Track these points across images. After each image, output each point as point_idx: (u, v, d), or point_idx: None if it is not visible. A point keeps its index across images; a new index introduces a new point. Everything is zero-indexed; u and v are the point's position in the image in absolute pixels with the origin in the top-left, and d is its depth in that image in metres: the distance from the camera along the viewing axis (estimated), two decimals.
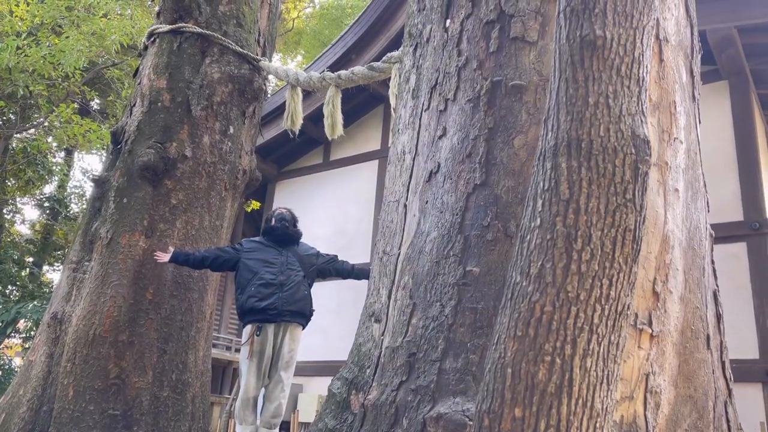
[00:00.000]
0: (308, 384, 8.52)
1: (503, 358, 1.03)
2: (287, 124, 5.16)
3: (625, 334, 1.10)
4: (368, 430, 2.00)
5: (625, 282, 1.08)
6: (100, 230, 4.77)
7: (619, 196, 1.11)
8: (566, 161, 1.13)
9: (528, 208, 1.18)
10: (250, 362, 4.03)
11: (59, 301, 4.84)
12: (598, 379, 1.01)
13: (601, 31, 1.17)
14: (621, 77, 1.17)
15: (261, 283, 4.14)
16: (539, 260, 1.08)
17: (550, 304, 1.03)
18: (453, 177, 2.24)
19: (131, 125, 5.11)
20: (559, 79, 1.22)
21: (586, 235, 1.07)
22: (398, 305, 2.22)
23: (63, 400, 4.28)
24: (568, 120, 1.15)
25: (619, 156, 1.13)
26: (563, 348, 1.00)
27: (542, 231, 1.11)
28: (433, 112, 2.51)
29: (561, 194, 1.11)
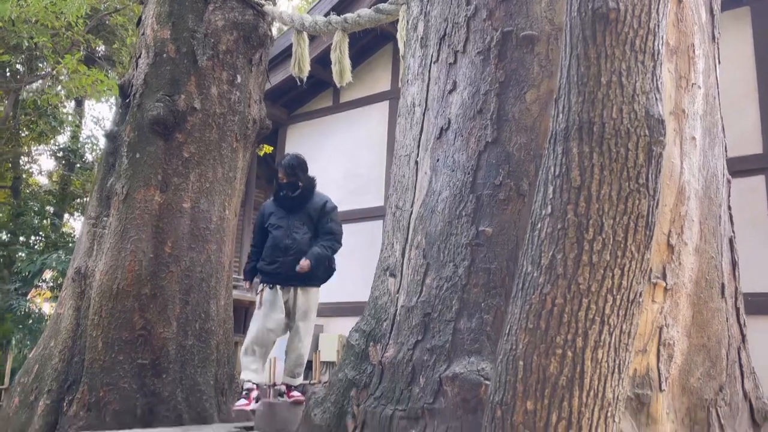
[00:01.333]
0: (328, 325, 8.73)
1: (515, 350, 1.05)
2: (295, 71, 5.06)
3: (637, 321, 1.11)
4: (387, 387, 2.07)
5: (637, 270, 1.07)
6: (116, 186, 4.81)
7: (632, 181, 1.08)
8: (577, 146, 1.09)
9: (539, 193, 1.16)
10: (259, 312, 4.07)
11: (81, 256, 4.95)
12: (610, 370, 1.02)
13: (614, 3, 1.11)
14: (635, 52, 1.12)
15: (270, 246, 4.16)
16: (550, 250, 1.07)
17: (561, 296, 1.03)
18: (464, 134, 2.21)
19: (138, 78, 5.05)
20: (570, 56, 1.16)
21: (598, 224, 1.05)
22: (412, 264, 2.24)
23: (93, 351, 4.44)
24: (579, 101, 1.11)
25: (632, 139, 1.09)
26: (575, 340, 1.01)
27: (553, 219, 1.09)
28: (443, 64, 2.45)
29: (572, 181, 1.09)
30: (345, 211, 8.92)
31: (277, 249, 4.10)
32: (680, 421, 2.00)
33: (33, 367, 4.82)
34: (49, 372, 4.58)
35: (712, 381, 2.12)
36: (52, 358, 4.64)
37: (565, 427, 0.98)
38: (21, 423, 4.55)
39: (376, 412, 2.04)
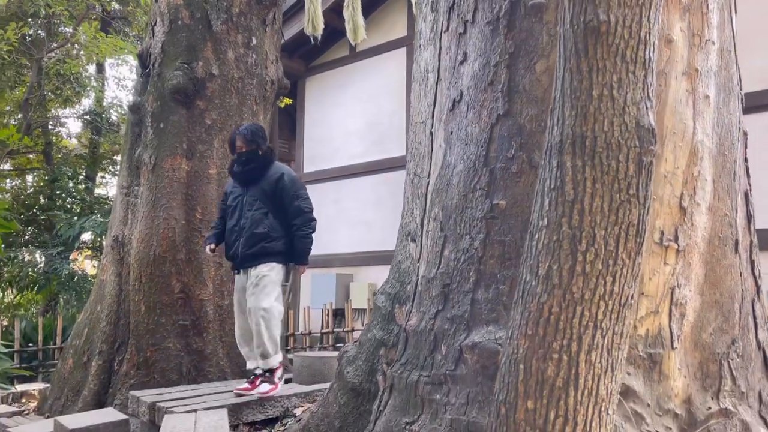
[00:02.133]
0: (357, 274, 8.97)
1: (516, 355, 1.14)
2: (308, 30, 5.05)
3: (630, 321, 1.19)
4: (411, 354, 2.20)
5: (628, 275, 1.14)
6: (143, 156, 4.95)
7: (623, 192, 1.13)
8: (571, 160, 1.14)
9: (536, 204, 1.22)
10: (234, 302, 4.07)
11: (118, 225, 5.16)
12: (603, 369, 1.11)
13: (605, 15, 1.12)
14: (626, 63, 1.14)
15: (227, 230, 4.03)
16: (546, 261, 1.14)
17: (557, 305, 1.11)
18: (476, 106, 2.24)
19: (155, 47, 5.10)
20: (564, 69, 1.19)
21: (590, 235, 1.12)
22: (430, 236, 2.33)
23: (137, 315, 4.71)
24: (572, 115, 1.15)
25: (623, 151, 1.13)
26: (570, 345, 1.09)
27: (549, 231, 1.15)
28: (453, 34, 2.45)
29: (566, 195, 1.14)
30: (369, 162, 9.01)
31: (231, 232, 3.98)
32: (692, 375, 2.10)
33: (83, 330, 5.14)
34: (98, 335, 4.88)
35: (724, 335, 2.20)
36: (100, 321, 4.93)
37: (562, 423, 1.09)
38: (77, 382, 4.90)
39: (403, 377, 2.18)
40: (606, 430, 1.13)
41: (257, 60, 5.21)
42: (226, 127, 4.96)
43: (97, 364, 4.72)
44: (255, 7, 5.21)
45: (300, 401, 4.08)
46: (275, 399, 3.95)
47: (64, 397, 4.91)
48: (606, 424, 1.13)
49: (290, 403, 4.02)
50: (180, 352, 4.66)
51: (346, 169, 9.19)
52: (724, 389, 2.14)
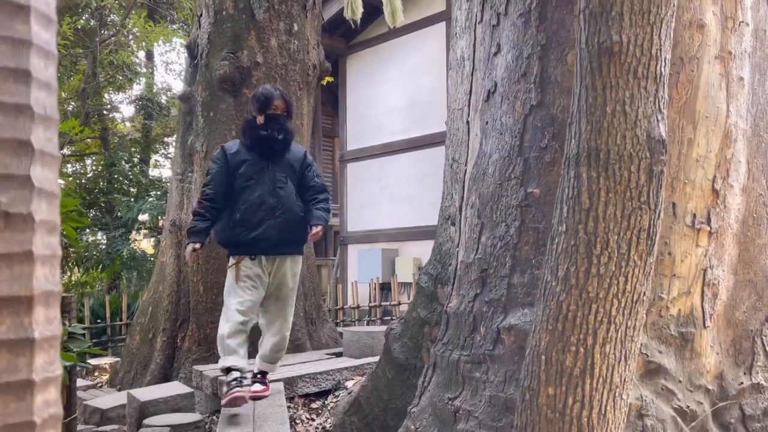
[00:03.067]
0: (402, 248, 9.15)
1: (538, 347, 1.26)
2: (348, 14, 5.15)
3: (642, 316, 1.29)
4: (452, 335, 2.35)
5: (640, 275, 1.23)
6: (195, 144, 5.20)
7: (634, 200, 1.22)
8: (586, 171, 1.23)
9: (556, 210, 1.33)
10: (237, 288, 3.32)
11: (174, 209, 5.46)
12: (617, 359, 1.22)
13: (618, 36, 1.20)
14: (638, 79, 1.21)
15: (247, 205, 3.32)
16: (565, 264, 1.25)
17: (574, 303, 1.22)
18: (510, 97, 2.33)
19: (202, 38, 5.30)
20: (581, 86, 1.27)
21: (604, 240, 1.21)
22: (468, 222, 2.45)
23: (196, 294, 5.01)
24: (588, 129, 1.24)
25: (634, 162, 1.22)
26: (586, 339, 1.20)
27: (567, 236, 1.26)
28: (486, 25, 2.53)
29: (582, 203, 1.24)
30: (411, 139, 9.11)
31: (260, 209, 3.31)
32: (725, 352, 2.18)
33: (147, 309, 5.50)
34: (161, 313, 5.22)
35: (758, 313, 2.26)
36: (162, 300, 5.27)
37: (579, 407, 1.21)
38: (144, 357, 5.28)
39: (445, 356, 2.34)
40: (621, 413, 1.25)
41: (299, 46, 5.35)
42: None
43: (162, 341, 5.07)
44: None
45: (351, 374, 4.31)
46: (327, 372, 4.19)
47: (134, 370, 5.30)
48: (620, 408, 1.25)
49: (341, 376, 4.26)
50: None
51: (389, 146, 9.31)
52: (756, 365, 2.21)
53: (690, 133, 2.13)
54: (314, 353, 5.01)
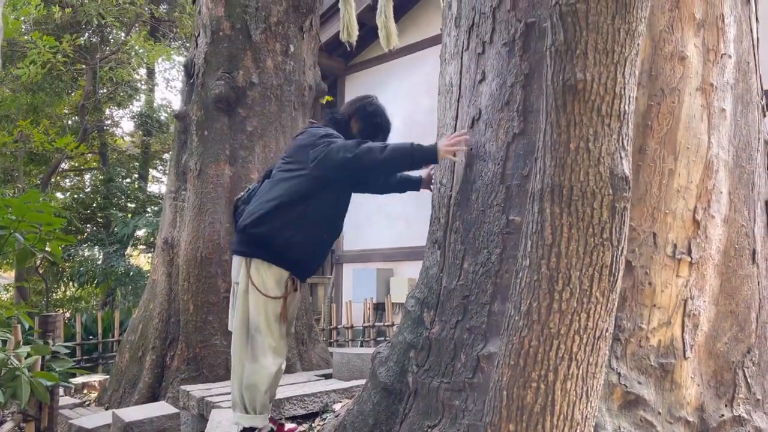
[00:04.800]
0: (397, 269, 9.13)
1: (500, 382, 1.26)
2: (344, 36, 5.20)
3: (605, 352, 1.29)
4: (434, 361, 2.34)
5: (602, 311, 1.24)
6: (189, 162, 5.22)
7: (597, 237, 1.23)
8: (550, 207, 1.24)
9: (521, 244, 1.33)
10: (278, 324, 2.81)
11: (167, 228, 5.46)
12: (578, 396, 1.22)
13: (582, 74, 1.22)
14: (601, 117, 1.23)
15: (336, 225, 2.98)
16: (528, 299, 1.26)
17: (536, 339, 1.22)
18: (493, 125, 2.34)
19: (199, 57, 5.35)
20: (545, 122, 1.29)
21: (566, 276, 1.22)
22: (452, 248, 2.45)
23: (186, 314, 5.00)
24: (552, 165, 1.25)
25: (597, 198, 1.23)
26: (547, 375, 1.20)
27: (531, 271, 1.27)
28: (472, 53, 2.56)
29: (545, 239, 1.25)
30: None
31: (335, 228, 2.99)
32: (706, 383, 2.17)
33: (138, 327, 5.48)
34: (151, 331, 5.20)
35: (739, 344, 2.25)
36: (153, 318, 5.25)
37: None
38: (133, 375, 5.24)
39: (426, 383, 2.32)
40: None
41: (295, 67, 5.40)
42: (266, 134, 5.18)
43: (151, 359, 5.04)
44: (292, 15, 5.39)
45: (339, 397, 4.27)
46: (315, 394, 4.16)
47: (122, 389, 5.27)
48: None
49: (330, 398, 4.22)
50: (226, 349, 4.90)
51: None
52: (738, 397, 2.20)
53: (671, 163, 2.14)
54: (304, 374, 4.98)
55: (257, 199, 2.83)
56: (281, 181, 2.80)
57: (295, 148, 2.90)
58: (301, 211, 2.71)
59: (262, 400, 2.75)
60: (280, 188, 2.76)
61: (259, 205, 2.76)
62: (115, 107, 12.01)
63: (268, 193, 2.79)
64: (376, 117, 3.13)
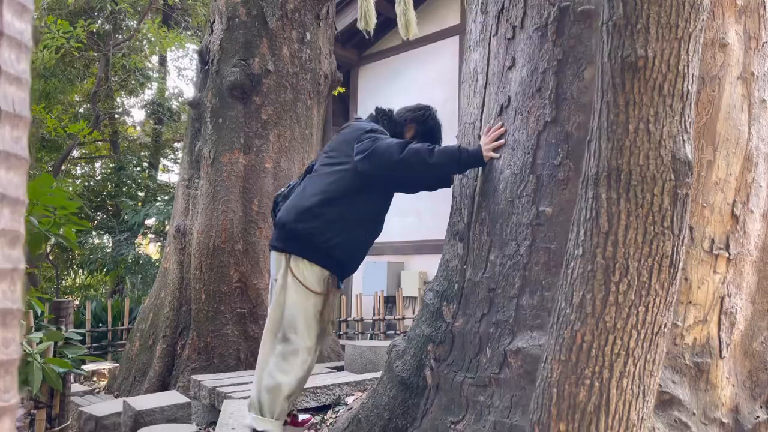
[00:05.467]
0: (408, 262, 9.06)
1: (550, 378, 1.18)
2: (361, 25, 5.11)
3: (663, 349, 1.21)
4: (457, 356, 2.27)
5: (661, 305, 1.15)
6: (203, 150, 5.16)
7: (657, 225, 1.14)
8: (606, 192, 1.16)
9: (572, 233, 1.25)
10: (316, 324, 2.69)
11: (179, 216, 5.42)
12: (634, 395, 1.14)
13: (643, 50, 1.13)
14: (663, 96, 1.14)
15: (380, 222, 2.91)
16: (581, 290, 1.18)
17: (589, 333, 1.14)
18: (524, 113, 2.26)
19: (214, 44, 5.28)
20: (602, 101, 1.20)
21: (624, 266, 1.14)
22: (477, 240, 2.38)
23: (198, 303, 4.95)
24: (608, 148, 1.17)
25: (657, 184, 1.15)
26: (601, 372, 1.12)
27: (584, 261, 1.18)
28: (501, 39, 2.47)
29: (601, 226, 1.17)
30: None
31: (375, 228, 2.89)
32: (741, 384, 2.09)
33: (148, 315, 5.44)
34: (162, 320, 5.16)
35: None
36: (164, 307, 5.21)
37: None
38: (143, 364, 5.21)
39: (449, 378, 2.25)
40: None
41: (311, 55, 5.32)
42: (281, 122, 5.11)
43: (162, 348, 5.00)
44: (309, 3, 5.31)
45: (351, 389, 4.22)
46: (328, 387, 4.10)
47: (132, 377, 5.23)
48: None
49: (342, 391, 4.17)
50: (238, 339, 4.87)
51: None
52: None
53: (709, 154, 2.05)
54: (315, 366, 4.92)
55: (298, 193, 2.74)
56: (324, 175, 2.70)
57: (338, 141, 2.80)
58: (342, 210, 2.62)
59: (282, 404, 2.61)
60: (322, 183, 2.67)
61: (301, 200, 2.67)
62: (126, 95, 11.97)
63: (311, 187, 2.70)
64: (435, 131, 3.04)
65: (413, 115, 3.05)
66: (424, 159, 2.46)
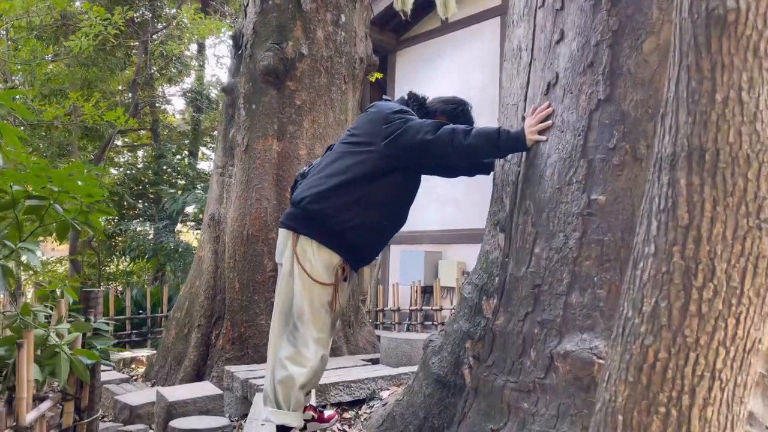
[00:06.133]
0: (446, 251, 8.86)
1: (614, 402, 0.99)
2: (398, 5, 4.92)
3: (756, 369, 1.00)
4: (498, 357, 2.09)
5: (756, 316, 0.94)
6: (237, 137, 5.07)
7: (751, 217, 0.93)
8: (686, 177, 0.95)
9: (642, 226, 1.05)
10: (325, 314, 2.53)
11: (214, 204, 5.35)
12: (721, 427, 0.94)
13: (734, 2, 0.92)
14: (759, 58, 0.93)
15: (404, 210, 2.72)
16: (653, 296, 0.98)
17: (665, 349, 0.94)
18: (573, 90, 2.05)
19: (248, 28, 5.17)
20: (679, 66, 0.99)
21: (709, 269, 0.93)
22: (520, 230, 2.18)
23: (232, 292, 4.88)
24: (689, 123, 0.96)
25: (752, 166, 0.93)
26: (680, 398, 0.92)
27: (657, 261, 0.98)
28: (549, 10, 2.25)
29: (679, 219, 0.96)
30: None
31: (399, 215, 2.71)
32: None
33: (184, 304, 5.41)
34: (197, 309, 5.12)
35: None
36: (199, 296, 5.16)
37: None
38: (178, 352, 5.18)
39: (488, 380, 2.08)
40: None
41: (346, 38, 5.15)
42: (315, 108, 4.97)
43: (196, 337, 4.96)
44: None
45: (387, 384, 4.08)
46: (362, 381, 3.98)
47: (168, 365, 5.22)
48: None
49: (377, 385, 4.04)
50: None
51: None
52: None
53: None
54: (350, 359, 4.80)
55: (317, 172, 2.58)
56: (346, 155, 2.53)
57: (364, 120, 2.61)
58: (364, 193, 2.45)
59: (297, 395, 2.48)
60: (344, 163, 2.50)
61: (319, 180, 2.51)
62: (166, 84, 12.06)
63: (330, 166, 2.53)
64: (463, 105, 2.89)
65: (444, 107, 2.87)
66: (460, 140, 2.28)
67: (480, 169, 2.95)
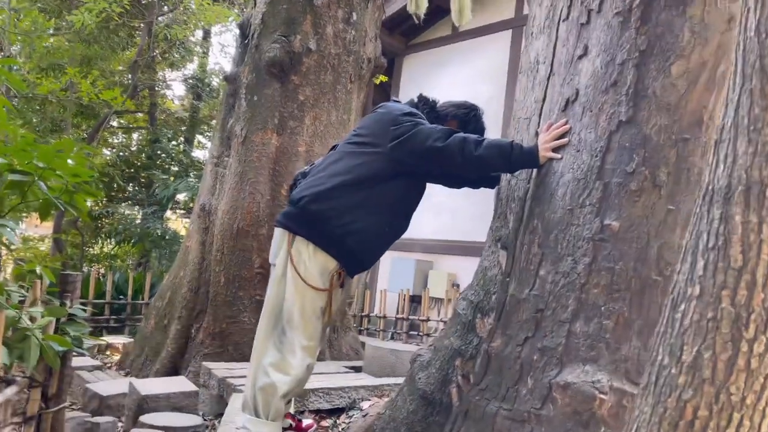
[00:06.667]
0: (437, 262, 8.76)
1: None
2: (411, 8, 4.83)
3: None
4: (492, 381, 1.98)
5: None
6: (235, 128, 4.95)
7: None
8: (742, 213, 0.86)
9: (685, 263, 0.95)
10: (316, 321, 2.41)
11: (206, 194, 5.22)
12: None
13: None
14: None
15: (407, 215, 2.66)
16: (695, 345, 0.88)
17: (706, 407, 0.84)
18: (594, 109, 1.96)
19: (256, 17, 5.05)
20: (740, 90, 0.90)
21: (762, 318, 0.84)
22: (525, 250, 2.08)
23: (216, 286, 4.75)
24: (749, 153, 0.87)
25: None
26: None
27: (702, 304, 0.89)
28: (573, 23, 2.16)
29: (731, 259, 0.87)
30: None
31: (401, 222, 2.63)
32: None
33: (166, 293, 5.27)
34: (179, 300, 4.98)
35: None
36: (182, 287, 5.03)
37: None
38: (156, 343, 5.04)
39: (480, 405, 1.97)
40: None
41: (356, 36, 5.05)
42: (318, 105, 4.86)
43: (176, 329, 4.82)
44: None
45: (368, 394, 3.97)
46: (343, 389, 3.86)
47: (144, 355, 5.08)
48: None
49: (358, 394, 3.92)
50: (254, 327, 4.61)
51: None
52: None
53: None
54: (332, 364, 4.69)
55: (319, 171, 2.47)
56: (350, 156, 2.42)
57: (371, 121, 2.51)
58: (366, 196, 2.35)
59: (277, 404, 2.36)
60: (347, 164, 2.39)
61: (320, 180, 2.40)
62: (167, 68, 11.90)
63: (333, 166, 2.43)
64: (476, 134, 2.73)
65: (456, 111, 2.78)
66: (470, 151, 2.18)
67: (486, 182, 2.85)
